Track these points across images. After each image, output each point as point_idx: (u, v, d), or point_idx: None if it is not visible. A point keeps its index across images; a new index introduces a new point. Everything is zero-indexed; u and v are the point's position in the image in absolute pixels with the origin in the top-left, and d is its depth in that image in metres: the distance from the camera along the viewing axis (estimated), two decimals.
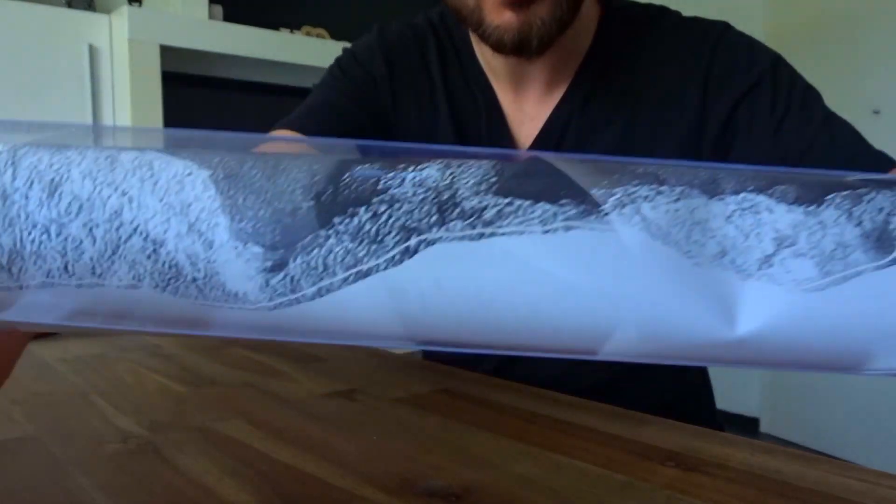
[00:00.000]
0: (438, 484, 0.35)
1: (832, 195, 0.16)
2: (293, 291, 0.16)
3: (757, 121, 0.60)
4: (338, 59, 0.75)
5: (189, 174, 0.17)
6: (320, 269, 0.16)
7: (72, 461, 0.39)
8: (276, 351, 0.71)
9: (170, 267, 0.17)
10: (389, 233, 0.15)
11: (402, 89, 0.70)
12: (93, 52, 2.02)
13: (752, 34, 0.66)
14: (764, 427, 2.76)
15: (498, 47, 0.59)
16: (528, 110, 0.67)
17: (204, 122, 2.29)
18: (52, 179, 0.17)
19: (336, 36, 2.53)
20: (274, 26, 2.39)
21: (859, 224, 0.15)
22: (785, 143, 0.58)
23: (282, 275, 0.16)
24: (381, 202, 0.15)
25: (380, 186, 0.16)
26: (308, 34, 2.49)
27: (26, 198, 0.17)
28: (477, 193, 0.15)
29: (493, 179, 0.15)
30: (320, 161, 0.16)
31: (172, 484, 0.36)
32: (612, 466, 0.37)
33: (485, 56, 0.68)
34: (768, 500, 0.33)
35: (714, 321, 0.16)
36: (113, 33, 2.05)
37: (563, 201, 0.15)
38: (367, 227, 0.15)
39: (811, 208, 0.16)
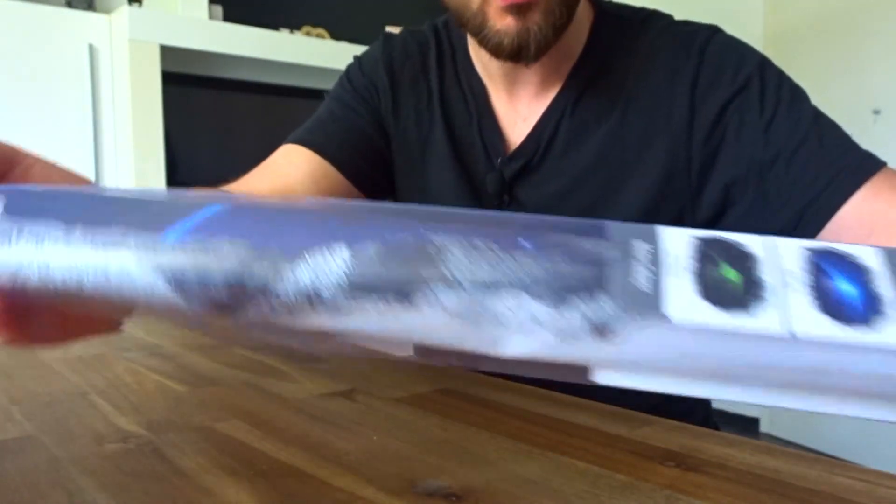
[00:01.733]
0: (438, 484, 0.35)
1: (573, 295, 0.22)
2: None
3: (746, 123, 0.60)
4: (346, 69, 0.77)
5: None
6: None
7: (72, 461, 0.39)
8: (276, 351, 0.71)
9: None
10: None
11: (402, 98, 0.73)
12: (93, 52, 2.02)
13: (753, 34, 0.67)
14: (764, 427, 2.76)
15: (496, 52, 0.61)
16: (521, 111, 0.68)
17: (204, 122, 2.29)
18: None
19: (336, 36, 2.53)
20: (274, 26, 2.39)
21: (587, 319, 0.22)
22: (774, 144, 0.59)
23: None
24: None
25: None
26: (308, 34, 2.49)
27: None
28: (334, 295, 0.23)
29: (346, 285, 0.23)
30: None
31: (172, 484, 0.36)
32: (612, 466, 0.37)
33: (481, 59, 0.69)
34: (768, 500, 0.33)
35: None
36: (113, 33, 2.05)
37: (389, 297, 0.23)
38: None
39: (557, 301, 0.22)
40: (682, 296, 0.22)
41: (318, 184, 0.69)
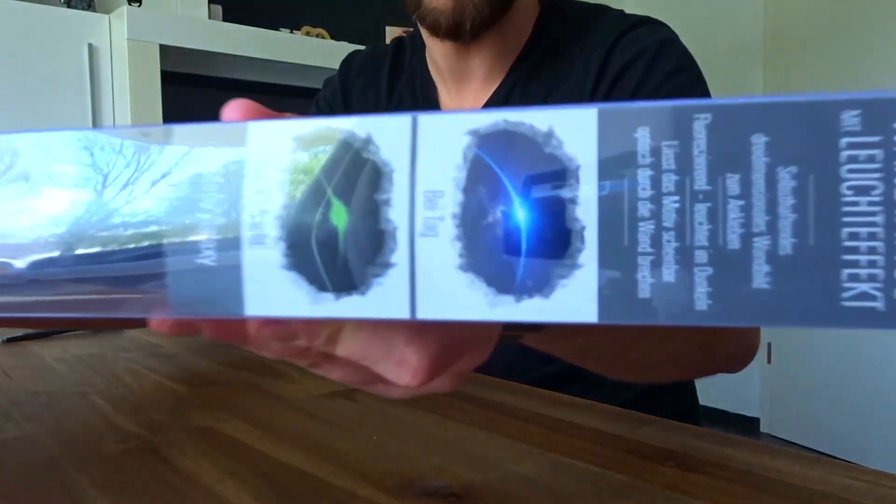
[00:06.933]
0: (438, 484, 0.35)
1: None
2: None
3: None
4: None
5: None
6: None
7: (71, 461, 0.39)
8: None
9: None
10: None
11: (353, 105, 0.78)
12: (92, 51, 2.02)
13: (753, 34, 0.67)
14: (764, 427, 2.76)
15: (434, 29, 0.62)
16: (466, 103, 0.72)
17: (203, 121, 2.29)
18: None
19: (336, 36, 2.52)
20: (274, 26, 2.39)
21: None
22: None
23: None
24: None
25: None
26: (308, 34, 2.49)
27: None
28: None
29: None
30: None
31: (172, 484, 0.36)
32: (612, 466, 0.37)
33: (434, 59, 0.72)
34: (768, 500, 0.33)
35: None
36: (113, 33, 2.05)
37: None
38: None
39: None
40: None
41: None
